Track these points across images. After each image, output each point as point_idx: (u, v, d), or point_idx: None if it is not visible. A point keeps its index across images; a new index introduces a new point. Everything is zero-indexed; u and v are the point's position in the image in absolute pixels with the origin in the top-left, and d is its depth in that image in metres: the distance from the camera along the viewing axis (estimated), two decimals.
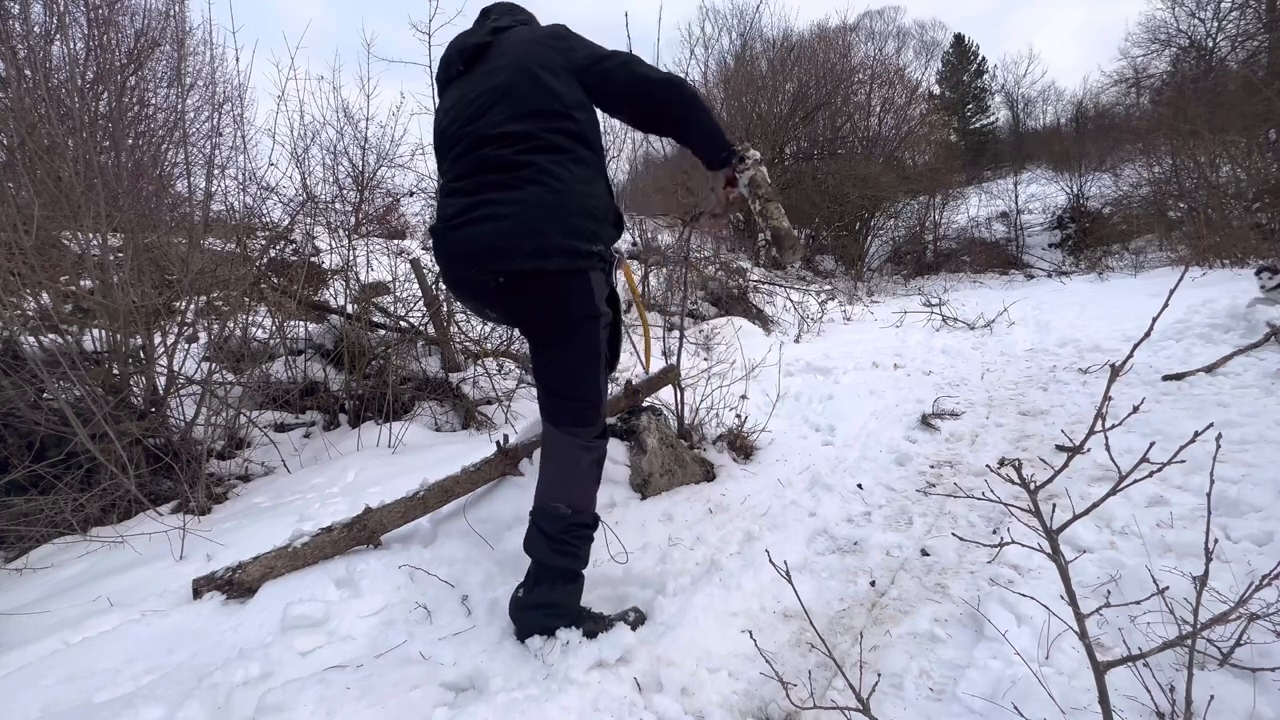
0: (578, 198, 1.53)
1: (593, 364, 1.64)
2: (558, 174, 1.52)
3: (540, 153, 1.53)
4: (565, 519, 1.61)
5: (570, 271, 1.54)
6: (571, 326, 1.60)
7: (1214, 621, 1.16)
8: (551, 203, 1.51)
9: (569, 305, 1.58)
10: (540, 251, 1.50)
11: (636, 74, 1.61)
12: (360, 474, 2.90)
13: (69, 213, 2.67)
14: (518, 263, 1.51)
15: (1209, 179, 9.37)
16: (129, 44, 4.41)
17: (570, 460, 1.67)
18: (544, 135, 1.54)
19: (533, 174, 1.51)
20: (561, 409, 1.68)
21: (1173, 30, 15.66)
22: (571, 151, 1.56)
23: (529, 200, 1.50)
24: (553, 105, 1.56)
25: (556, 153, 1.54)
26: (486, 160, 1.56)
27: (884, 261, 13.84)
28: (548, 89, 1.57)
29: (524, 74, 1.58)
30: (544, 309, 1.59)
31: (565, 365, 1.66)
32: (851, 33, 16.24)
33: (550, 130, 1.55)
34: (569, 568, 1.64)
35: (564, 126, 1.56)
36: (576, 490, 1.66)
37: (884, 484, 2.68)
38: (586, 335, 1.61)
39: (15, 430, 2.51)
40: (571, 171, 1.54)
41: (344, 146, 4.28)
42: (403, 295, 4.22)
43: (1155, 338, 4.16)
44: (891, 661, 1.59)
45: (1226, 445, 2.28)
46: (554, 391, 1.69)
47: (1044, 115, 26.28)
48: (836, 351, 5.40)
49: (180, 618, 1.77)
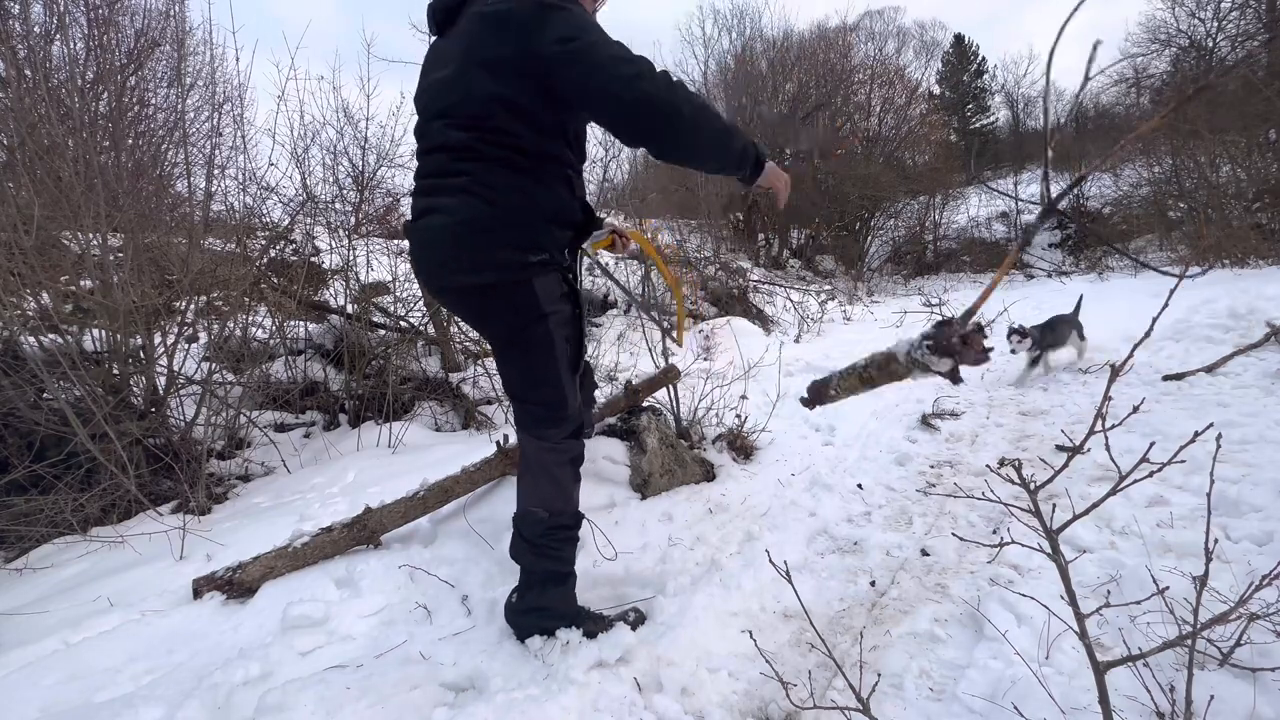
0: (512, 209, 1.44)
1: (549, 365, 1.59)
2: (493, 184, 1.43)
3: (477, 162, 1.44)
4: (543, 522, 1.61)
5: (507, 283, 1.49)
6: (520, 331, 1.56)
7: (1214, 621, 1.16)
8: (483, 215, 1.43)
9: (513, 312, 1.54)
10: (475, 266, 1.47)
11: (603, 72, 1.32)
12: (360, 474, 2.90)
13: (69, 213, 2.67)
14: (452, 277, 1.51)
15: (1209, 179, 9.36)
16: (129, 44, 4.41)
17: (540, 464, 1.65)
18: (478, 146, 1.43)
19: (466, 183, 1.44)
20: (524, 413, 1.68)
21: (1173, 30, 15.65)
22: (509, 161, 1.44)
23: (460, 212, 1.44)
24: (489, 111, 1.41)
25: (494, 162, 1.44)
26: (434, 165, 1.52)
27: (884, 261, 13.84)
28: (484, 94, 1.40)
29: (466, 68, 1.43)
30: (490, 317, 1.60)
31: (521, 368, 1.63)
32: (851, 33, 16.22)
33: (485, 140, 1.43)
34: (554, 570, 1.64)
35: (501, 139, 1.43)
36: (551, 493, 1.64)
37: (884, 484, 2.68)
38: (539, 337, 1.56)
39: (15, 430, 2.51)
40: (510, 180, 1.44)
41: (344, 146, 4.28)
42: (403, 295, 4.22)
43: (1155, 338, 4.15)
44: (891, 661, 1.59)
45: (1226, 445, 2.28)
46: (515, 396, 1.69)
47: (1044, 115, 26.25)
48: (836, 351, 5.40)
49: (180, 618, 1.77)
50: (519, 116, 1.42)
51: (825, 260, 12.76)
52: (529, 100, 1.40)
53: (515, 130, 1.43)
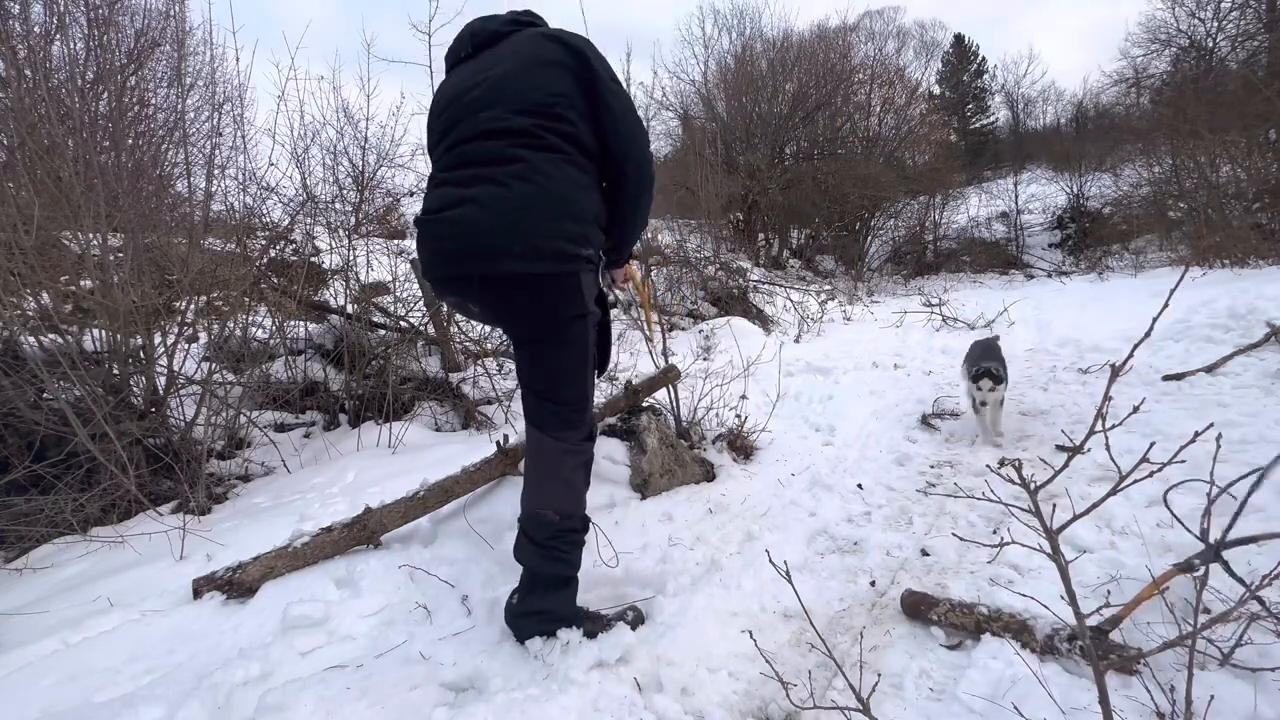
0: (566, 200, 1.48)
1: (581, 365, 1.61)
2: (549, 173, 1.47)
3: (534, 150, 1.47)
4: (553, 525, 1.59)
5: (559, 274, 1.50)
6: (561, 327, 1.56)
7: (1214, 621, 1.16)
8: (539, 203, 1.45)
9: (559, 306, 1.54)
10: (530, 254, 1.46)
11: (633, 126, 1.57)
12: (360, 474, 2.90)
13: (69, 213, 2.66)
14: (507, 265, 1.47)
15: (1209, 179, 9.35)
16: (129, 44, 4.40)
17: (555, 465, 1.63)
18: (540, 134, 1.48)
19: (522, 169, 1.46)
20: (546, 412, 1.64)
21: (1173, 30, 15.66)
22: (566, 153, 1.50)
23: (515, 198, 1.45)
24: (553, 104, 1.50)
25: (551, 151, 1.48)
26: (480, 153, 1.51)
27: (884, 261, 13.84)
28: (550, 86, 1.51)
29: (529, 66, 1.53)
30: (534, 310, 1.55)
31: (552, 366, 1.62)
32: (851, 33, 16.22)
33: (547, 129, 1.49)
34: (560, 574, 1.62)
35: (561, 128, 1.51)
36: (563, 496, 1.62)
37: (884, 484, 2.68)
38: (576, 335, 1.58)
39: (15, 430, 2.50)
40: (564, 172, 1.49)
41: (344, 146, 4.28)
42: (403, 295, 4.22)
43: (1155, 338, 4.15)
44: (891, 661, 1.59)
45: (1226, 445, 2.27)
46: (539, 394, 1.65)
47: (1044, 115, 26.28)
48: (836, 351, 5.40)
49: (180, 618, 1.77)
50: (577, 113, 1.52)
51: (825, 260, 12.77)
52: (583, 103, 1.53)
53: (574, 123, 1.51)
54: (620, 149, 1.57)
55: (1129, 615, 1.50)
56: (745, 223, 11.51)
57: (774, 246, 12.14)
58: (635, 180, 1.60)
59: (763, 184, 11.24)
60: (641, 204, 1.65)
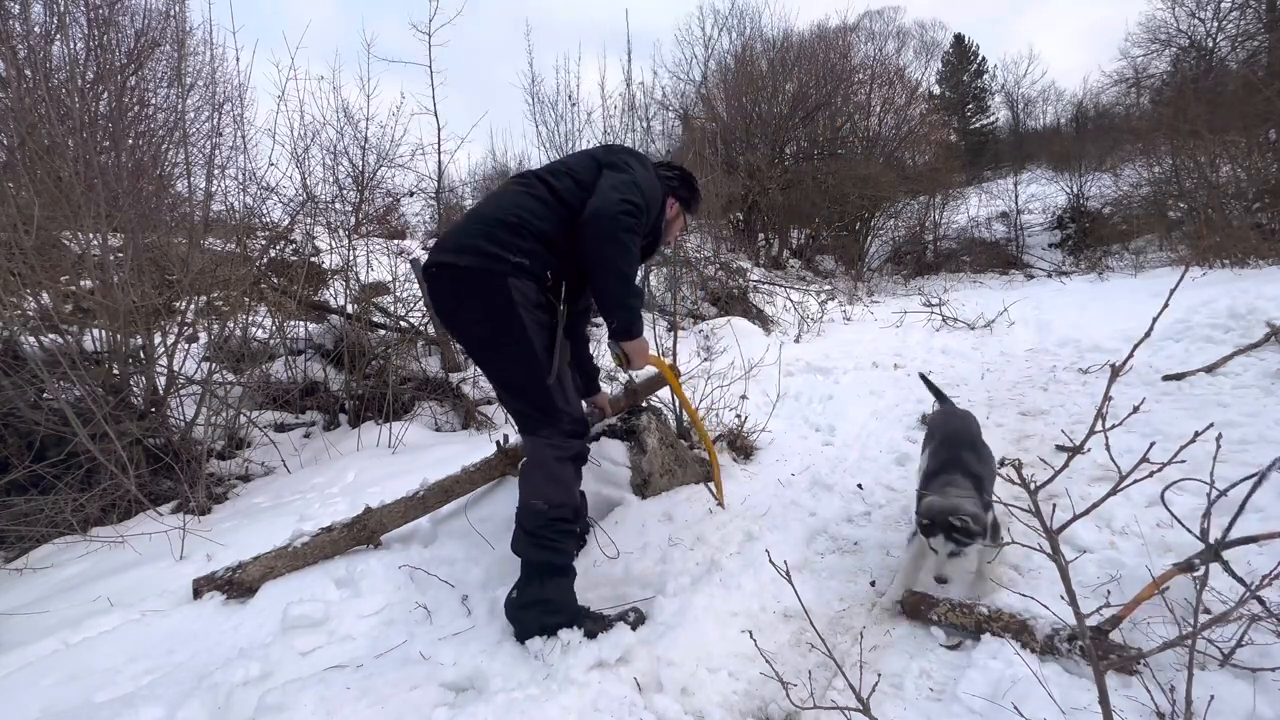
0: (506, 212, 1.72)
1: (527, 361, 1.71)
2: (503, 196, 1.79)
3: (517, 188, 1.80)
4: (543, 514, 1.67)
5: (479, 270, 1.66)
6: (491, 326, 1.69)
7: (1214, 621, 1.16)
8: (480, 214, 1.76)
9: (482, 303, 1.68)
10: (455, 249, 1.70)
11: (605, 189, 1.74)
12: (360, 474, 2.90)
13: (69, 213, 2.66)
14: (438, 256, 1.72)
15: (1209, 179, 9.35)
16: (129, 44, 4.39)
17: (539, 459, 1.74)
18: (530, 178, 1.82)
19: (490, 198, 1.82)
20: (517, 415, 1.83)
21: (1173, 30, 15.66)
22: (535, 189, 1.78)
23: (469, 214, 1.80)
24: (558, 168, 1.85)
25: (521, 186, 1.80)
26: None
27: (884, 261, 13.83)
28: (571, 161, 1.89)
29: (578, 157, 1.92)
30: (462, 303, 1.72)
31: (501, 367, 1.78)
32: (851, 33, 16.19)
33: (535, 177, 1.82)
34: (552, 561, 1.67)
35: (546, 179, 1.81)
36: (549, 488, 1.71)
37: (884, 484, 2.68)
38: (510, 336, 1.69)
39: (15, 430, 2.51)
40: (520, 199, 1.75)
41: (344, 146, 4.28)
42: (403, 295, 4.22)
43: (1155, 338, 4.15)
44: (891, 661, 1.59)
45: (1226, 445, 2.27)
46: (503, 398, 1.84)
47: (1044, 115, 26.26)
48: (836, 351, 5.40)
49: (180, 618, 1.77)
50: (569, 176, 1.82)
51: (825, 260, 12.76)
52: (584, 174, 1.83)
53: (560, 179, 1.81)
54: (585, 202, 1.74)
55: (1129, 615, 1.50)
56: (745, 223, 11.50)
57: (774, 246, 12.13)
58: (592, 233, 1.69)
59: (763, 184, 11.23)
60: (602, 255, 1.69)
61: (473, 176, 10.30)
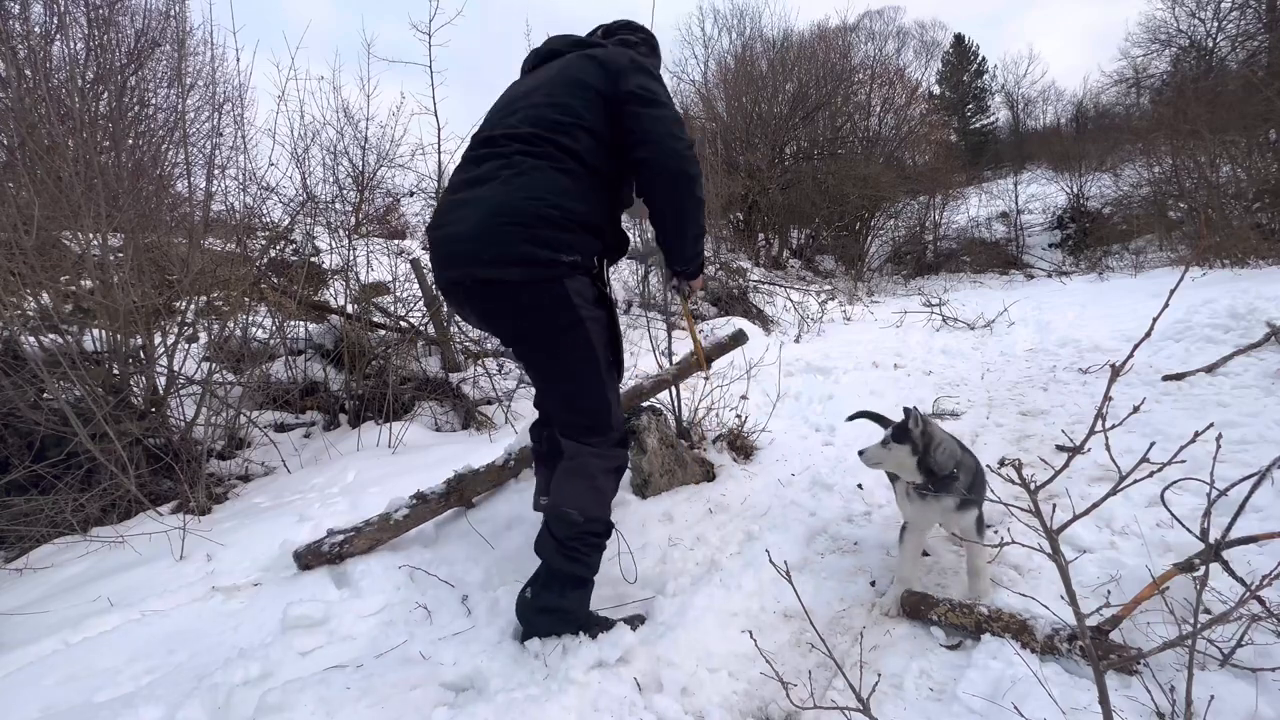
0: (538, 204, 1.47)
1: (587, 367, 1.59)
2: (530, 176, 1.48)
3: (525, 155, 1.50)
4: (577, 525, 1.59)
5: (533, 281, 1.48)
6: (552, 337, 1.55)
7: (1214, 621, 1.16)
8: (504, 209, 1.46)
9: (542, 314, 1.52)
10: (498, 261, 1.46)
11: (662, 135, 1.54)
12: (360, 474, 2.90)
13: (69, 213, 2.66)
14: (479, 271, 1.48)
15: (1209, 179, 9.36)
16: (129, 44, 4.40)
17: (584, 468, 1.64)
18: (537, 142, 1.51)
19: (501, 171, 1.48)
20: (568, 422, 1.67)
21: (1173, 30, 15.66)
22: (558, 161, 1.51)
23: (484, 202, 1.47)
24: (563, 123, 1.53)
25: (541, 159, 1.51)
26: (478, 159, 1.56)
27: (884, 261, 13.84)
28: (569, 107, 1.55)
29: (559, 85, 1.59)
30: (517, 317, 1.55)
31: (557, 372, 1.62)
32: (851, 33, 16.22)
33: (545, 139, 1.52)
34: (577, 574, 1.62)
35: (560, 141, 1.52)
36: (588, 498, 1.63)
37: (884, 484, 2.67)
38: (574, 344, 1.56)
39: (15, 430, 2.51)
40: (540, 178, 1.49)
41: (344, 146, 4.28)
42: (403, 295, 4.22)
43: (1155, 338, 4.15)
44: (891, 661, 1.59)
45: (1226, 445, 2.27)
46: (554, 403, 1.68)
47: (1044, 115, 26.28)
48: (836, 351, 5.40)
49: (180, 618, 1.77)
50: (584, 129, 1.54)
51: (825, 260, 12.76)
52: (597, 121, 1.56)
53: (578, 139, 1.53)
54: (644, 158, 1.56)
55: (1129, 615, 1.50)
56: (745, 223, 11.50)
57: (774, 246, 12.13)
58: (658, 183, 1.58)
59: (763, 184, 11.23)
60: (675, 206, 1.62)
61: None
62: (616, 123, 1.57)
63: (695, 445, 2.86)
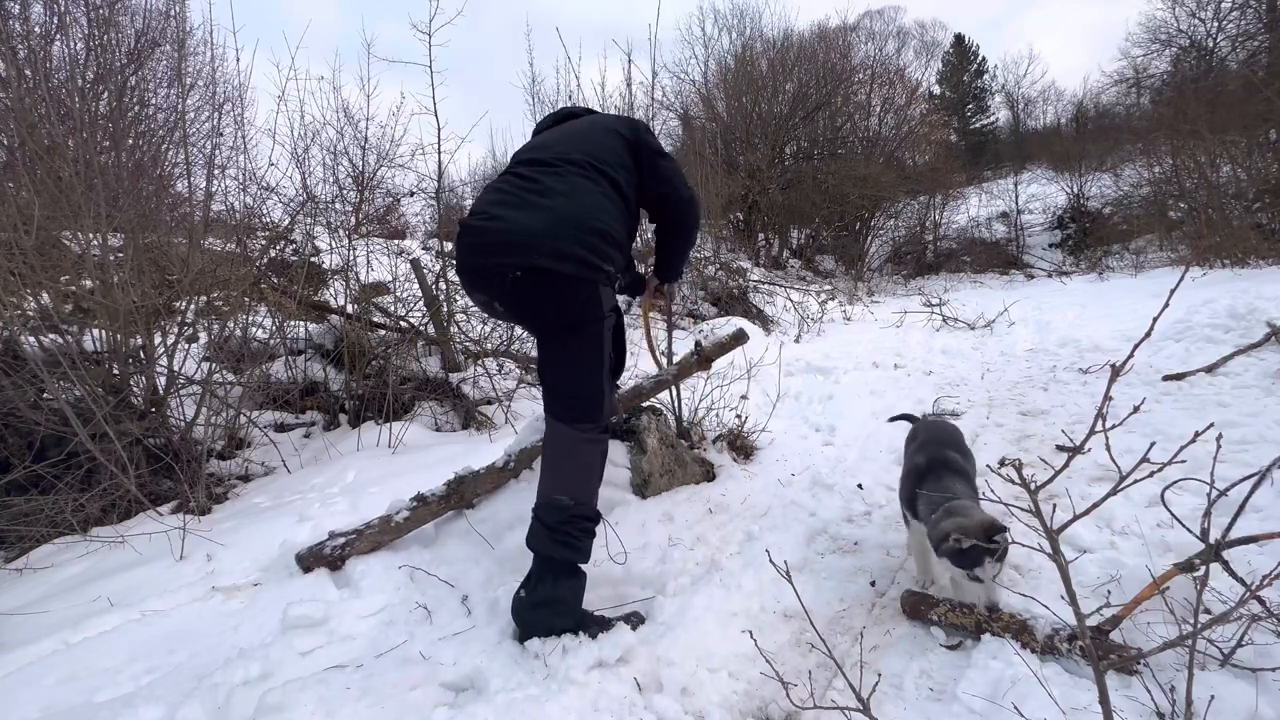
0: (596, 219, 1.74)
1: (596, 362, 1.78)
2: (584, 194, 1.77)
3: (579, 177, 1.79)
4: (566, 509, 1.65)
5: (578, 278, 1.70)
6: (577, 325, 1.74)
7: (1214, 621, 1.16)
8: (569, 215, 1.72)
9: (576, 306, 1.72)
10: (557, 254, 1.67)
11: (677, 179, 2.00)
12: (360, 474, 2.90)
13: (69, 213, 2.67)
14: (535, 259, 1.67)
15: (1209, 179, 9.36)
16: (129, 44, 4.40)
17: (572, 452, 1.74)
18: (587, 167, 1.82)
19: (563, 186, 1.75)
20: (564, 404, 1.78)
21: (1173, 30, 15.67)
22: (603, 187, 1.81)
23: (553, 208, 1.73)
24: (605, 155, 1.87)
25: (591, 181, 1.80)
26: (533, 173, 1.82)
27: (884, 261, 13.85)
28: (608, 144, 1.90)
29: (596, 129, 1.97)
30: (553, 306, 1.74)
31: (570, 361, 1.77)
32: (851, 33, 16.22)
33: (598, 169, 1.82)
34: (569, 559, 1.65)
35: (605, 170, 1.83)
36: (578, 482, 1.71)
37: (884, 484, 2.68)
38: (591, 335, 1.76)
39: (15, 430, 2.51)
40: (598, 200, 1.78)
41: (344, 146, 4.28)
42: (403, 295, 4.22)
43: (1155, 338, 4.15)
44: (891, 661, 1.59)
45: (1226, 445, 2.27)
46: (557, 387, 1.81)
47: (1044, 115, 26.28)
48: (836, 351, 5.40)
49: (180, 618, 1.77)
50: (621, 166, 1.89)
51: (825, 260, 12.77)
52: (627, 161, 1.92)
53: (617, 172, 1.87)
54: (667, 193, 1.99)
55: (1129, 615, 1.50)
56: (745, 223, 11.50)
57: (774, 246, 12.13)
58: (677, 214, 2.05)
59: (763, 184, 11.24)
60: (685, 231, 2.12)
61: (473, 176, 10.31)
62: (638, 167, 1.94)
63: (695, 445, 2.86)
